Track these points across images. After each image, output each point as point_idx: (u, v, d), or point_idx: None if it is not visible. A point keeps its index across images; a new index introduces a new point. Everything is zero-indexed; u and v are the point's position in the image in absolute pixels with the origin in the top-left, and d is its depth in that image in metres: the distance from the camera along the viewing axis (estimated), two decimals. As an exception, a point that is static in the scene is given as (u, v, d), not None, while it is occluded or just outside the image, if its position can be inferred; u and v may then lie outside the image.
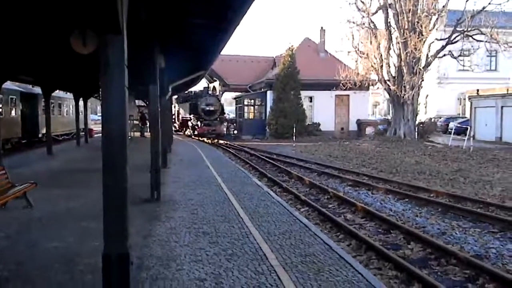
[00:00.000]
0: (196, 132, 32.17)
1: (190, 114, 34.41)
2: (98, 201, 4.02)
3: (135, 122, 31.92)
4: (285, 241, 6.06)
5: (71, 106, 28.48)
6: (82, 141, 25.07)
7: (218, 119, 32.39)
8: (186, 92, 33.43)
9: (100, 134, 4.05)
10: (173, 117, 36.60)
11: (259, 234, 6.37)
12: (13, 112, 19.98)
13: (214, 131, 31.43)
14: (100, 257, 3.83)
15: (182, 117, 38.70)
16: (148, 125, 35.49)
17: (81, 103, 26.31)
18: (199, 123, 31.91)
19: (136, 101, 32.34)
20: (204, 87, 34.75)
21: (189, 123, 34.69)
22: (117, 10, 3.54)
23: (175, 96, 37.11)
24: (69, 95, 26.35)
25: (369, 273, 5.13)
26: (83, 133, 26.97)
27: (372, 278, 4.90)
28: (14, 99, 20.15)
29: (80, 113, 26.91)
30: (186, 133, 36.03)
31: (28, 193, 7.91)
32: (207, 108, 31.59)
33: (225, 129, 33.50)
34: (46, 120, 18.77)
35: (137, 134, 31.00)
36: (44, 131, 20.88)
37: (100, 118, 4.19)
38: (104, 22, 3.66)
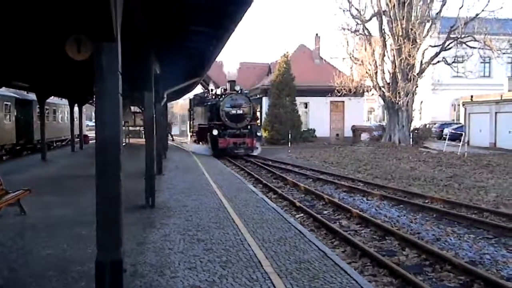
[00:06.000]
0: (220, 146, 21.64)
1: (209, 121, 23.57)
2: (92, 208, 4.01)
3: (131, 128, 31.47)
4: (279, 247, 6.05)
5: (66, 112, 28.44)
6: (77, 147, 25.00)
7: (249, 127, 22.52)
8: (203, 92, 28.97)
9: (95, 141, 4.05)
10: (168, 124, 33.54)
11: (254, 240, 6.35)
12: (7, 118, 19.90)
13: (244, 144, 22.00)
14: (93, 264, 3.82)
15: (198, 125, 27.19)
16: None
17: (76, 109, 26.27)
18: (221, 133, 21.77)
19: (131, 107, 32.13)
20: (229, 81, 24.09)
21: (207, 134, 23.05)
22: (111, 19, 3.56)
23: (191, 97, 31.44)
24: (64, 101, 26.29)
25: (364, 279, 5.14)
26: (78, 139, 26.89)
27: (367, 284, 4.90)
28: (8, 105, 20.08)
29: (75, 119, 26.88)
30: (204, 146, 24.50)
31: (22, 200, 7.86)
32: (233, 111, 22.07)
33: (258, 142, 23.56)
34: (40, 126, 18.71)
35: None
36: (38, 137, 20.80)
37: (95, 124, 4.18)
38: (98, 30, 3.68)
